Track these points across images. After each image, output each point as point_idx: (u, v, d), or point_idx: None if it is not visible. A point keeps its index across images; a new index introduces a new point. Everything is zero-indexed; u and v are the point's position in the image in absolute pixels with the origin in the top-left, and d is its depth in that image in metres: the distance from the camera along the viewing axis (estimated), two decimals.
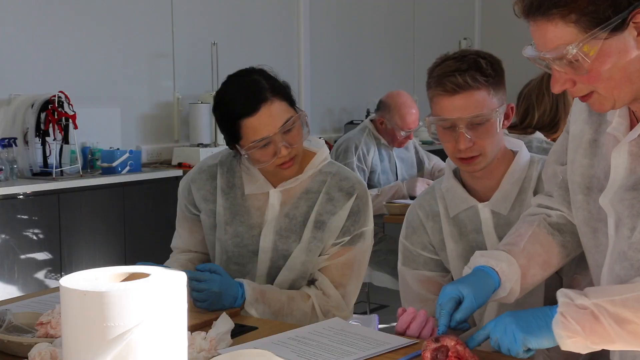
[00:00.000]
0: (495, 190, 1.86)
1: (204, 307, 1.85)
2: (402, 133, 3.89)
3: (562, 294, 1.39)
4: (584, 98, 1.38)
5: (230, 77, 2.00)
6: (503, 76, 1.82)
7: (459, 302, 1.51)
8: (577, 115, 1.55)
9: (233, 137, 1.97)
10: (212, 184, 2.11)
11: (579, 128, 1.53)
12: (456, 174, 1.94)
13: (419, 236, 1.96)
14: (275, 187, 2.05)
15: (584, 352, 1.37)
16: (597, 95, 1.35)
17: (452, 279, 1.92)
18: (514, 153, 1.89)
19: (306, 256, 2.02)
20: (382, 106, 3.98)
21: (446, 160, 1.95)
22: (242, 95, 1.93)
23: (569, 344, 1.35)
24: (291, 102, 1.98)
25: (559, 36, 1.30)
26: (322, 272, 2.03)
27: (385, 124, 3.92)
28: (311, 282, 2.05)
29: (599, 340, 1.34)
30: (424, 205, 1.98)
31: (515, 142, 1.92)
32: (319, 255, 2.04)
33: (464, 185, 1.91)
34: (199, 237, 2.17)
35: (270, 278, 2.06)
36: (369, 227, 2.06)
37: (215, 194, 2.10)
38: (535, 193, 1.82)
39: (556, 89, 1.36)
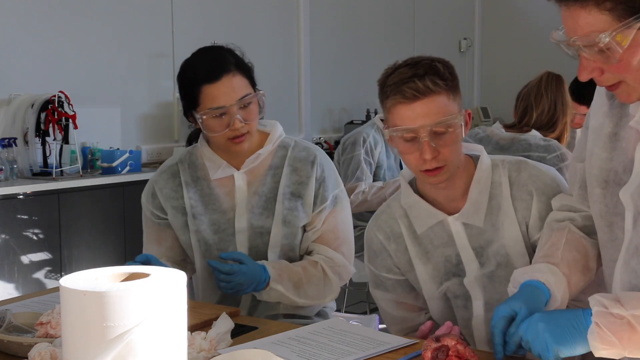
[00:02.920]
0: (459, 200, 1.78)
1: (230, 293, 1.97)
2: None
3: (595, 301, 1.34)
4: (610, 87, 1.35)
5: (200, 49, 2.11)
6: (458, 81, 1.74)
7: (511, 320, 1.45)
8: (597, 109, 1.51)
9: (191, 103, 2.04)
10: (174, 181, 2.14)
11: (599, 121, 1.50)
12: (414, 187, 1.85)
13: (382, 259, 1.89)
14: (238, 170, 2.10)
15: (618, 357, 1.34)
16: (625, 85, 1.33)
17: (425, 301, 1.88)
18: (472, 158, 1.82)
19: (284, 228, 2.08)
20: None
21: (400, 174, 1.87)
22: (206, 64, 2.02)
23: (604, 354, 1.33)
24: (252, 82, 2.07)
25: (592, 23, 1.27)
26: (316, 242, 2.11)
27: None
28: (308, 254, 2.13)
29: (637, 351, 1.31)
30: (382, 226, 1.88)
31: (474, 147, 1.84)
32: (307, 230, 2.10)
33: (425, 199, 1.81)
34: (167, 244, 2.17)
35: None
36: (340, 188, 2.14)
37: (180, 191, 2.13)
38: (513, 200, 1.77)
39: (583, 76, 1.34)
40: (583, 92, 4.04)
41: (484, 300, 1.80)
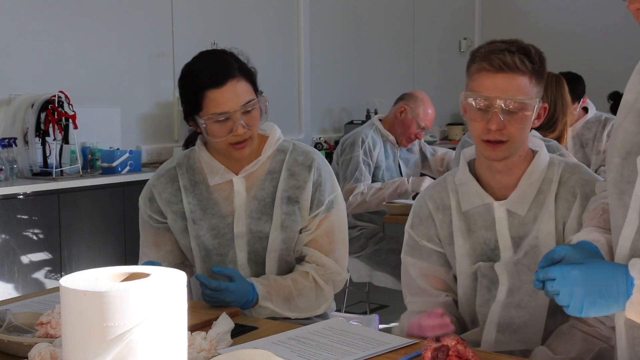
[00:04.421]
0: (511, 189, 1.84)
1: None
2: (421, 124, 3.96)
3: (638, 271, 1.31)
4: None
5: (202, 52, 2.10)
6: (545, 72, 1.81)
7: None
8: (634, 84, 1.54)
9: (194, 107, 2.01)
10: (173, 186, 2.13)
11: (634, 96, 1.51)
12: (471, 168, 1.91)
13: (426, 227, 1.94)
14: (237, 175, 2.09)
15: None
16: None
17: (455, 276, 1.93)
18: (534, 153, 1.87)
19: (282, 233, 2.07)
20: (407, 97, 4.08)
21: (462, 152, 1.93)
22: (210, 68, 2.00)
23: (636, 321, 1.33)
24: (255, 88, 2.05)
25: None
26: (308, 246, 2.10)
27: (405, 112, 3.97)
28: (300, 259, 2.11)
29: None
30: (434, 196, 1.95)
31: (535, 142, 1.90)
32: (301, 232, 2.10)
33: (479, 180, 1.88)
34: (167, 248, 2.16)
35: (252, 263, 2.10)
36: (337, 192, 2.14)
37: (179, 195, 2.12)
38: (557, 198, 1.82)
39: (633, 6, 1.38)
40: (573, 90, 4.04)
41: (507, 286, 1.85)
